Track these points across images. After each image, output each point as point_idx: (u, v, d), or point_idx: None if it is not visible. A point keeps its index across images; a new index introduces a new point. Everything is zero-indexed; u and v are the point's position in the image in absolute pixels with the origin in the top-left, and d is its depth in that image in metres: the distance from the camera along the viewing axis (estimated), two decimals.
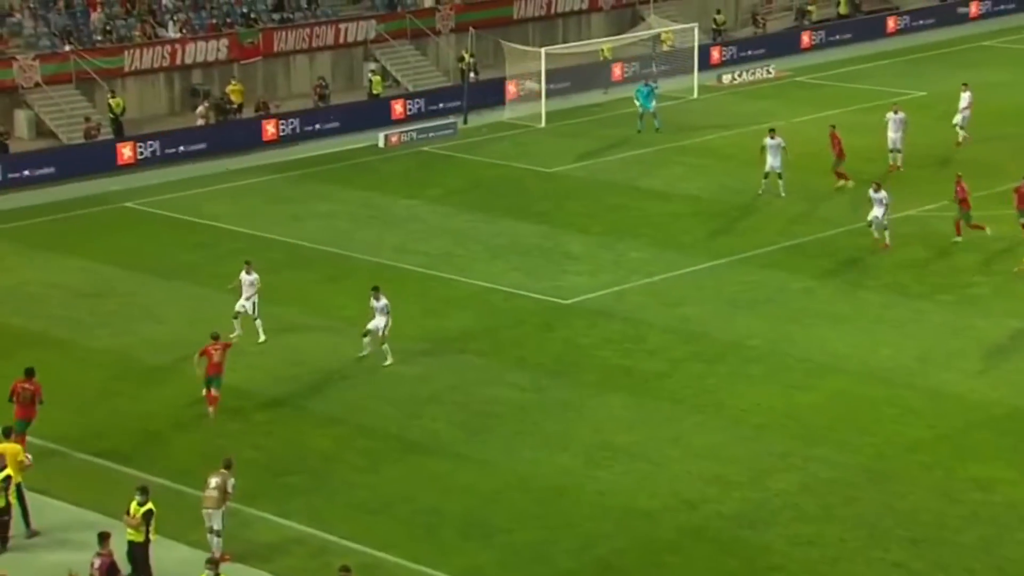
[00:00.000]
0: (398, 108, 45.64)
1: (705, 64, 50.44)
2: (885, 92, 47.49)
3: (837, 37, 55.88)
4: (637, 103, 43.80)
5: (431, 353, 27.75)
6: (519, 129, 44.93)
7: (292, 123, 44.02)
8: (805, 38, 55.35)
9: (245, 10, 48.34)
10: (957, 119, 40.62)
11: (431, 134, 43.96)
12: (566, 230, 34.80)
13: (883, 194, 32.62)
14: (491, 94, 46.75)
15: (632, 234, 34.41)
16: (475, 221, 35.75)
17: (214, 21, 47.57)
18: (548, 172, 40.07)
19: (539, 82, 45.33)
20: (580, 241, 34.04)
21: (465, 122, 45.66)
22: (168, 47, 45.86)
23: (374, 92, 47.06)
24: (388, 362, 27.06)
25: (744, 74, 50.93)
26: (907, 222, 34.38)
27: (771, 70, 51.43)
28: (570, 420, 24.83)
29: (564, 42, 51.25)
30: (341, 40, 49.23)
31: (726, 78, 50.49)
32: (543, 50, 45.94)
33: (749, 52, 53.50)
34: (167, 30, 46.53)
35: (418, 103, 46.29)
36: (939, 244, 32.69)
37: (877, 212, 32.49)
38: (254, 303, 28.16)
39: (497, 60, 49.02)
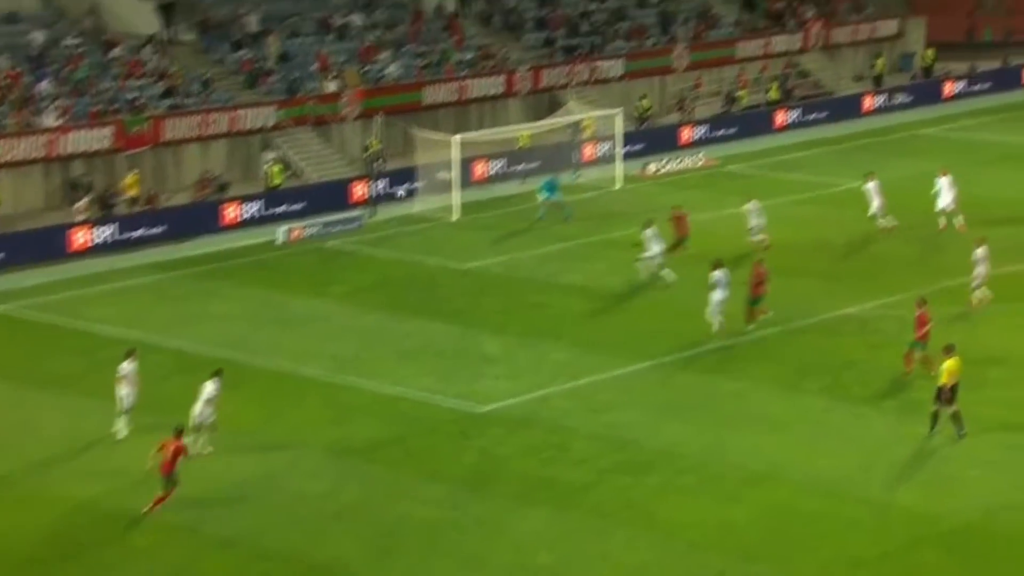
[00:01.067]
0: (294, 203, 45.73)
1: (633, 151, 51.37)
2: (818, 183, 48.56)
3: (766, 123, 57.21)
4: (541, 196, 44.44)
5: (336, 466, 27.60)
6: (430, 222, 45.21)
7: (183, 216, 44.01)
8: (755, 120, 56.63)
9: (132, 96, 48.42)
10: (874, 208, 41.61)
11: (335, 228, 44.11)
12: (482, 330, 34.93)
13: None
14: (401, 185, 47.21)
15: (554, 334, 34.62)
16: (383, 321, 35.79)
17: (97, 108, 47.54)
18: (462, 268, 40.30)
19: (506, 168, 45.70)
20: (497, 342, 34.17)
21: (372, 215, 45.90)
22: (45, 136, 45.69)
23: (273, 183, 47.21)
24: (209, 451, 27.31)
25: (671, 163, 51.83)
26: (847, 320, 35.01)
27: (700, 158, 52.41)
28: (487, 538, 24.74)
29: (479, 128, 51.88)
30: (237, 127, 49.44)
31: (651, 167, 51.34)
32: (455, 138, 46.48)
33: (689, 137, 54.63)
34: (45, 118, 46.37)
35: (315, 195, 46.42)
36: (880, 343, 33.27)
37: None
38: (128, 402, 28.17)
39: (406, 148, 49.48)
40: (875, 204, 41.90)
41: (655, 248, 37.84)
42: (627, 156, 50.33)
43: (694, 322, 35.16)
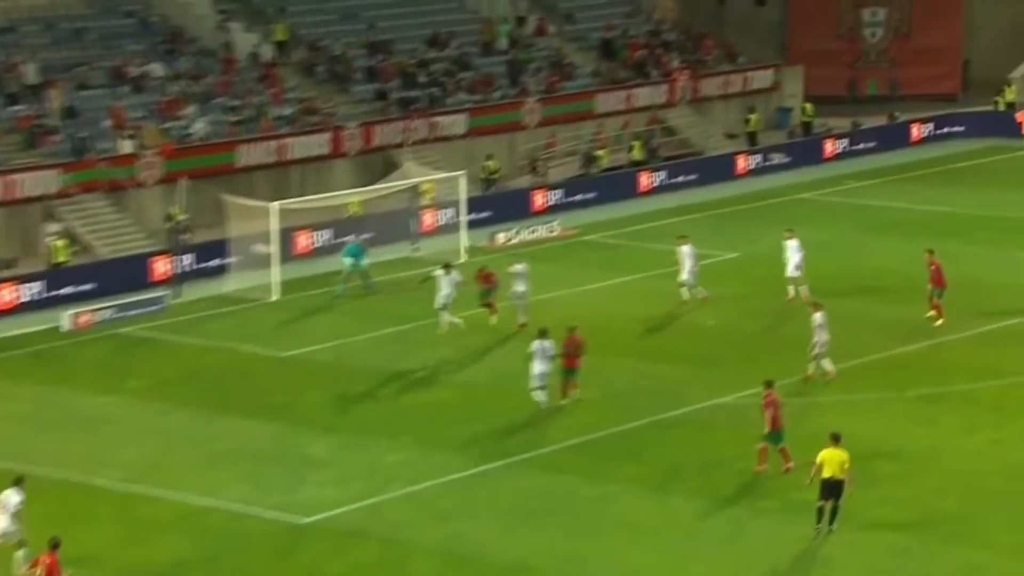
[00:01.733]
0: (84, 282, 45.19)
1: (478, 220, 51.77)
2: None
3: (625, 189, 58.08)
4: (345, 262, 44.72)
5: None
6: (246, 303, 44.95)
7: None
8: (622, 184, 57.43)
9: None
10: (683, 275, 43.01)
11: (132, 311, 43.63)
12: (306, 429, 34.73)
13: None
14: (209, 260, 46.96)
15: (390, 432, 34.56)
16: (190, 420, 35.41)
17: None
18: (283, 356, 40.10)
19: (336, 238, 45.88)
20: (324, 442, 34.00)
21: (177, 296, 45.50)
22: None
23: (57, 260, 46.54)
24: None
25: (523, 232, 52.33)
26: (721, 411, 35.57)
27: (555, 227, 53.01)
28: None
29: (301, 195, 51.91)
30: (13, 195, 48.73)
31: (500, 237, 51.77)
32: (273, 205, 46.36)
33: (529, 205, 55.22)
34: None
35: (108, 273, 45.89)
36: (757, 437, 33.83)
37: None
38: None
39: (217, 217, 49.21)
40: (685, 269, 42.83)
41: (445, 290, 40.32)
42: (472, 225, 50.73)
43: (550, 415, 35.39)
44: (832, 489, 28.62)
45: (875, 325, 41.50)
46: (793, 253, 43.48)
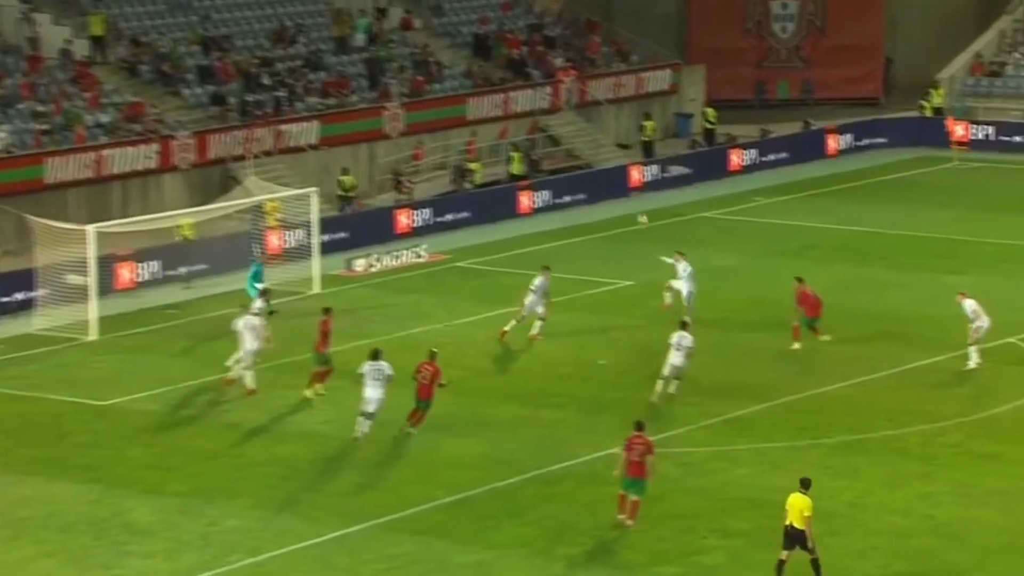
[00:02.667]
0: None
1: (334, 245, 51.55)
2: (578, 281, 49.48)
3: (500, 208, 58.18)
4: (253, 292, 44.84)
5: None
6: (57, 344, 44.29)
7: None
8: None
9: None
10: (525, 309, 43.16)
11: None
12: (129, 491, 34.26)
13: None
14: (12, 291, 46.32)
15: (228, 492, 34.21)
16: None
17: None
18: (101, 406, 39.62)
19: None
20: (150, 506, 33.58)
21: None
22: None
23: None
24: None
25: (385, 258, 52.18)
26: (614, 462, 35.52)
27: (422, 253, 52.92)
28: None
29: (124, 215, 51.34)
30: None
31: (359, 264, 51.56)
32: (90, 228, 45.76)
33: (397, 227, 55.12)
34: None
35: None
36: (658, 492, 33.83)
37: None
38: None
39: (22, 242, 48.47)
40: (527, 303, 43.24)
41: (248, 345, 39.05)
42: (326, 249, 50.43)
43: (417, 470, 35.19)
44: (793, 538, 29.14)
45: (788, 363, 41.69)
46: (685, 282, 43.65)
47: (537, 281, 43.76)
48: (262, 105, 59.18)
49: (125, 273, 49.05)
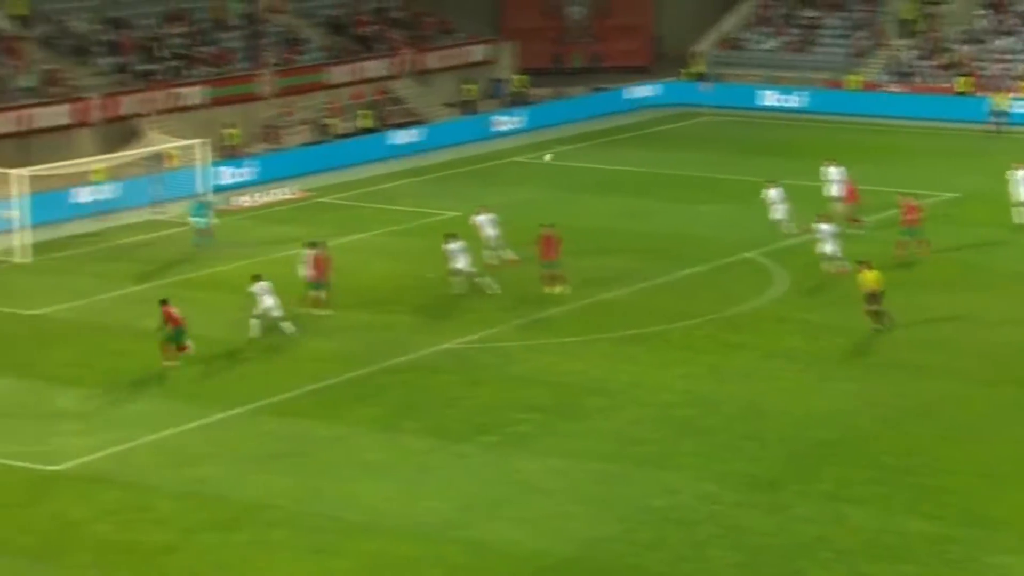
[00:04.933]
0: None
1: (218, 185, 50.50)
2: (415, 212, 49.03)
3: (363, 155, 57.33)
4: (196, 221, 43.91)
5: None
6: None
7: None
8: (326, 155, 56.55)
9: None
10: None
11: None
12: (54, 383, 33.40)
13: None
14: None
15: (134, 384, 33.45)
16: None
17: None
18: (30, 315, 38.48)
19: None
20: (72, 395, 32.75)
21: None
22: None
23: None
24: None
25: (260, 195, 51.20)
26: (446, 356, 35.31)
27: (292, 191, 52.01)
28: None
29: (46, 162, 49.69)
30: None
31: (242, 200, 50.57)
32: (16, 171, 44.25)
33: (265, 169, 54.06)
34: None
35: None
36: (480, 379, 33.72)
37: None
38: None
39: None
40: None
41: (268, 302, 36.34)
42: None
43: (287, 364, 34.67)
44: (875, 298, 35.49)
45: (581, 275, 41.76)
46: (487, 227, 42.15)
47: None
48: (157, 73, 57.60)
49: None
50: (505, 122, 62.85)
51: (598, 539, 25.93)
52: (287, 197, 51.61)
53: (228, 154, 55.40)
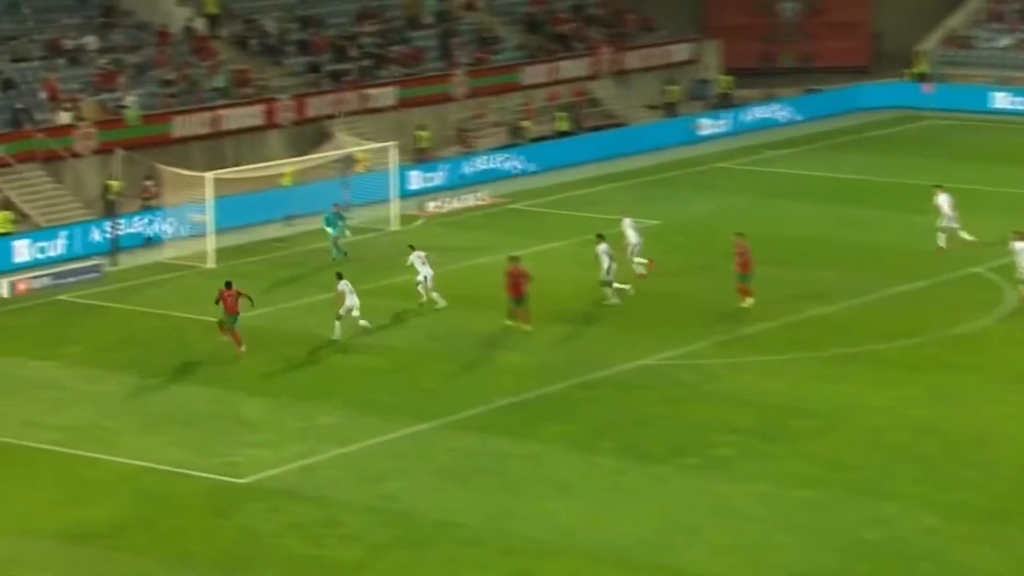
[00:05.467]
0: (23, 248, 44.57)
1: (407, 189, 51.51)
2: (615, 220, 49.25)
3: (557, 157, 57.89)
4: (328, 231, 44.82)
5: (71, 556, 26.70)
6: (182, 271, 44.49)
7: None
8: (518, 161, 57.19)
9: None
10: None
11: (70, 279, 43.03)
12: (240, 392, 34.44)
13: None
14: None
15: (322, 395, 34.32)
16: (126, 385, 34.99)
17: None
18: (217, 321, 39.68)
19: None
20: (258, 405, 33.73)
21: (114, 264, 44.90)
22: None
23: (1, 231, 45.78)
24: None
25: (453, 201, 52.06)
26: (644, 373, 35.53)
27: (483, 196, 52.77)
28: None
29: (236, 165, 51.32)
30: None
31: (431, 205, 51.50)
32: (208, 175, 45.81)
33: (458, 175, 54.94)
34: None
35: (52, 241, 45.32)
36: (678, 396, 33.85)
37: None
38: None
39: (154, 187, 48.63)
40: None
41: (351, 301, 37.92)
42: (404, 194, 50.37)
43: (479, 377, 35.23)
44: None
45: (788, 288, 41.51)
46: (631, 231, 42.60)
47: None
48: (349, 73, 58.97)
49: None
50: (709, 125, 62.94)
51: (807, 573, 25.81)
52: (478, 203, 52.36)
53: (418, 157, 56.47)
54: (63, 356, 36.99)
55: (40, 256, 44.96)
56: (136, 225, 46.97)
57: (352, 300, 37.51)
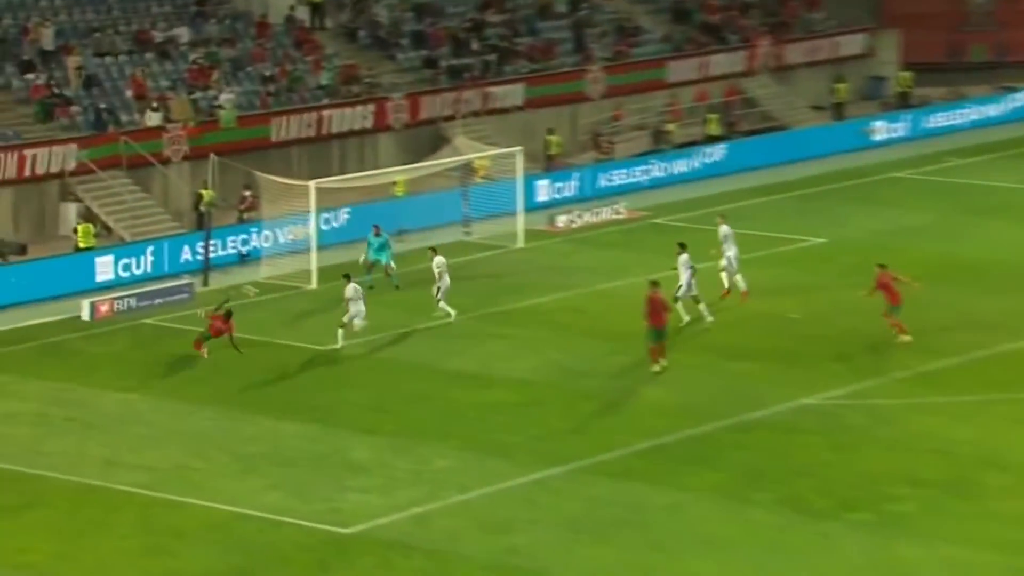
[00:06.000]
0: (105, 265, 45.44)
1: (534, 201, 51.79)
2: (772, 238, 49.18)
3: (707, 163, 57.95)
4: (366, 254, 45.17)
5: None
6: (282, 292, 45.06)
7: None
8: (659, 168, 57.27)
9: None
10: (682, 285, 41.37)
11: (158, 300, 43.83)
12: (347, 431, 34.79)
13: None
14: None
15: (438, 434, 34.58)
16: (219, 421, 35.52)
17: None
18: (322, 351, 40.17)
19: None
20: (367, 445, 34.06)
21: (205, 283, 45.67)
22: None
23: (80, 245, 46.69)
24: None
25: (586, 215, 52.27)
26: (807, 413, 35.43)
27: (621, 210, 52.91)
28: None
29: (342, 172, 51.97)
30: (27, 171, 48.96)
31: (561, 220, 51.73)
32: (312, 183, 46.42)
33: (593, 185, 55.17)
34: None
35: (138, 257, 46.20)
36: (847, 442, 33.70)
37: None
38: None
39: (250, 197, 49.40)
40: (683, 280, 41.26)
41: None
42: (531, 206, 50.55)
43: (618, 417, 35.32)
44: None
45: (977, 318, 41.11)
46: (729, 243, 42.69)
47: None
48: (471, 69, 59.49)
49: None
50: (884, 129, 62.58)
51: None
52: (616, 217, 52.50)
53: (548, 165, 56.78)
54: (148, 388, 37.65)
55: (124, 274, 45.87)
56: (231, 242, 47.69)
57: (357, 307, 39.02)
